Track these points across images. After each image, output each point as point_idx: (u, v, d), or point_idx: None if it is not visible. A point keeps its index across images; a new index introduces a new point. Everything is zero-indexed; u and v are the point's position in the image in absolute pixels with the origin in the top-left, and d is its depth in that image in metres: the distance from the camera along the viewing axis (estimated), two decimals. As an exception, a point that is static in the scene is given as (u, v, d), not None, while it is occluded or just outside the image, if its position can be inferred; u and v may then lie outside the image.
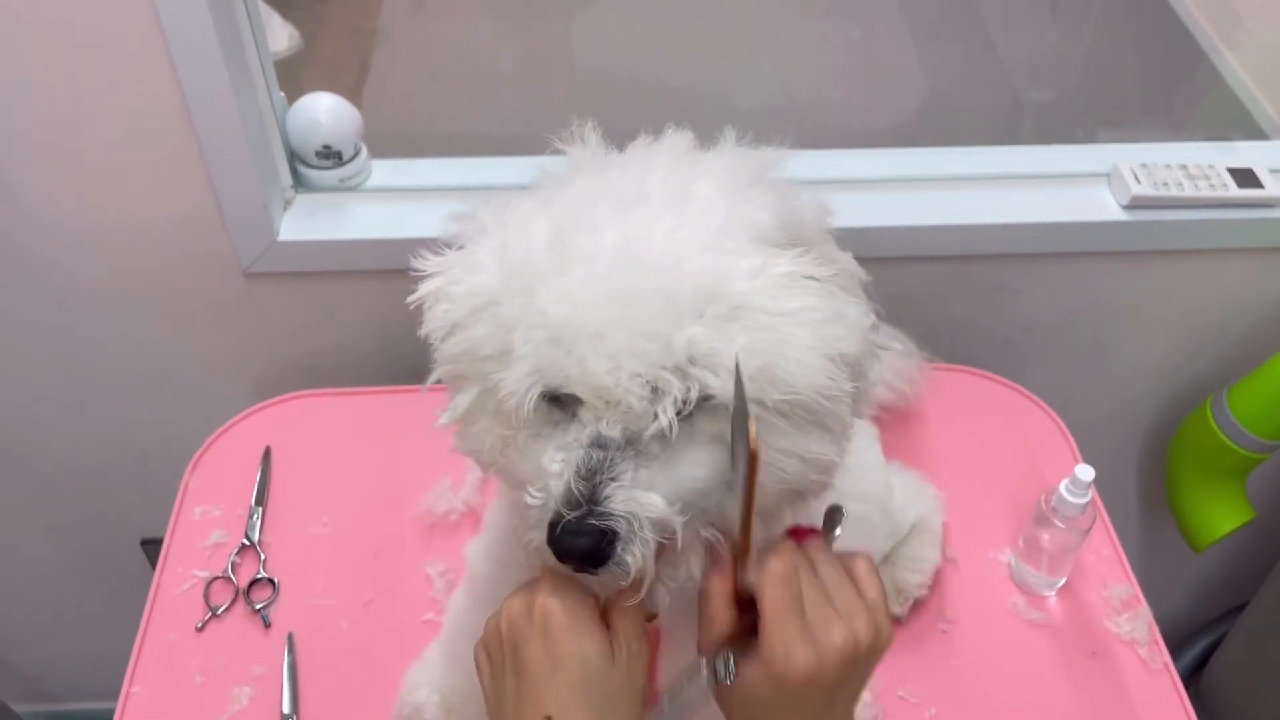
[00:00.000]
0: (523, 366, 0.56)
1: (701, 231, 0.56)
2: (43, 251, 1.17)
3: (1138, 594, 1.05)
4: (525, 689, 0.62)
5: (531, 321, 0.56)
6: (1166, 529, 1.50)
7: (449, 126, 1.61)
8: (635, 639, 0.63)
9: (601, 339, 0.54)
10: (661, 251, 0.56)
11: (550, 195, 0.61)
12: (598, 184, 0.61)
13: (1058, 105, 1.70)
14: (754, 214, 0.58)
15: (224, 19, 1.02)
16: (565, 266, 0.56)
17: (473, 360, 0.60)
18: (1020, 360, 1.38)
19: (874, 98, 1.65)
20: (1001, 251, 1.27)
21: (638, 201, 0.58)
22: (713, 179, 0.60)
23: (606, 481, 0.55)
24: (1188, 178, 1.24)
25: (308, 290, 1.25)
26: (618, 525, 0.55)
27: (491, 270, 0.59)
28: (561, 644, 0.61)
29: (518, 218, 0.60)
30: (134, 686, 0.97)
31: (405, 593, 1.05)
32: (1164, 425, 1.50)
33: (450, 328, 0.60)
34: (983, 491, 1.14)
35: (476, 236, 0.61)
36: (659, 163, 0.62)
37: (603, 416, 0.56)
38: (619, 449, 0.56)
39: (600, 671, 0.61)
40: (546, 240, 0.57)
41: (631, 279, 0.55)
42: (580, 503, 0.55)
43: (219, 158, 1.10)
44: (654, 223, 0.57)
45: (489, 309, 0.58)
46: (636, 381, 0.54)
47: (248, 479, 1.12)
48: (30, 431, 1.37)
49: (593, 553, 0.55)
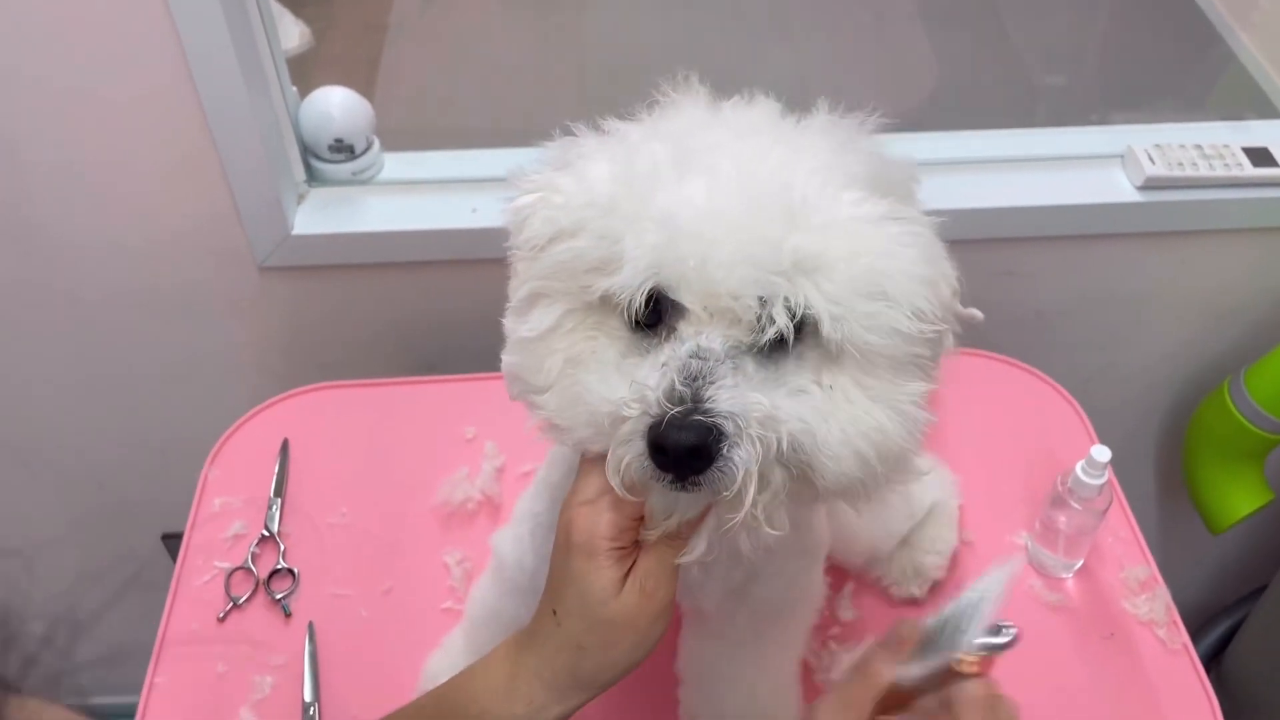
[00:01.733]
0: (638, 264, 0.57)
1: (810, 162, 0.59)
2: (61, 249, 1.18)
3: (1155, 575, 1.04)
4: (551, 576, 0.65)
5: (648, 224, 0.57)
6: (1184, 512, 1.50)
7: (461, 119, 1.62)
8: (652, 579, 0.62)
9: (718, 244, 0.55)
10: (775, 172, 0.58)
11: (656, 126, 0.63)
12: (710, 115, 0.63)
13: (1071, 88, 1.69)
14: (855, 164, 0.60)
15: (236, 17, 1.03)
16: (686, 176, 0.57)
17: (569, 273, 0.60)
18: (1034, 344, 1.37)
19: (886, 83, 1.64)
20: (1015, 235, 1.26)
21: (751, 131, 0.61)
22: (814, 132, 0.63)
23: (708, 385, 0.55)
24: (1202, 158, 1.23)
25: (323, 283, 1.26)
26: (724, 423, 0.54)
27: (603, 182, 0.60)
28: (572, 560, 0.62)
29: (631, 139, 0.62)
30: (158, 676, 0.98)
31: (424, 582, 1.05)
32: (1181, 407, 1.49)
33: (551, 237, 0.61)
34: (998, 475, 1.13)
35: (580, 158, 0.62)
36: (763, 111, 0.64)
37: (704, 329, 0.57)
38: (718, 360, 0.56)
39: (599, 600, 0.61)
40: (668, 154, 0.59)
41: (748, 192, 0.57)
42: (684, 400, 0.54)
43: (233, 154, 1.11)
44: (768, 150, 0.59)
45: (599, 219, 0.59)
46: (748, 286, 0.55)
47: (266, 471, 1.13)
48: (51, 428, 1.39)
49: (698, 449, 0.53)
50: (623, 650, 0.63)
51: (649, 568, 0.62)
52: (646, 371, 0.57)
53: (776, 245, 0.55)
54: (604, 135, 0.64)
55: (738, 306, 0.56)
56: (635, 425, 0.56)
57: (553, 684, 0.64)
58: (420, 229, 1.21)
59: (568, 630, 0.63)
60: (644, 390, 0.56)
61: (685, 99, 0.64)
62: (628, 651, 0.63)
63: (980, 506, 1.10)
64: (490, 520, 1.10)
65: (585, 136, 0.64)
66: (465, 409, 1.18)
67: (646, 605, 0.62)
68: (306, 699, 0.97)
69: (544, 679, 0.64)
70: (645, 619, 0.62)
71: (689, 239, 0.56)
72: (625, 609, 0.61)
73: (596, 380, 0.59)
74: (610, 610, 0.61)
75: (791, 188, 0.57)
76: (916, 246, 0.58)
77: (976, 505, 1.10)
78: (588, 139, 0.64)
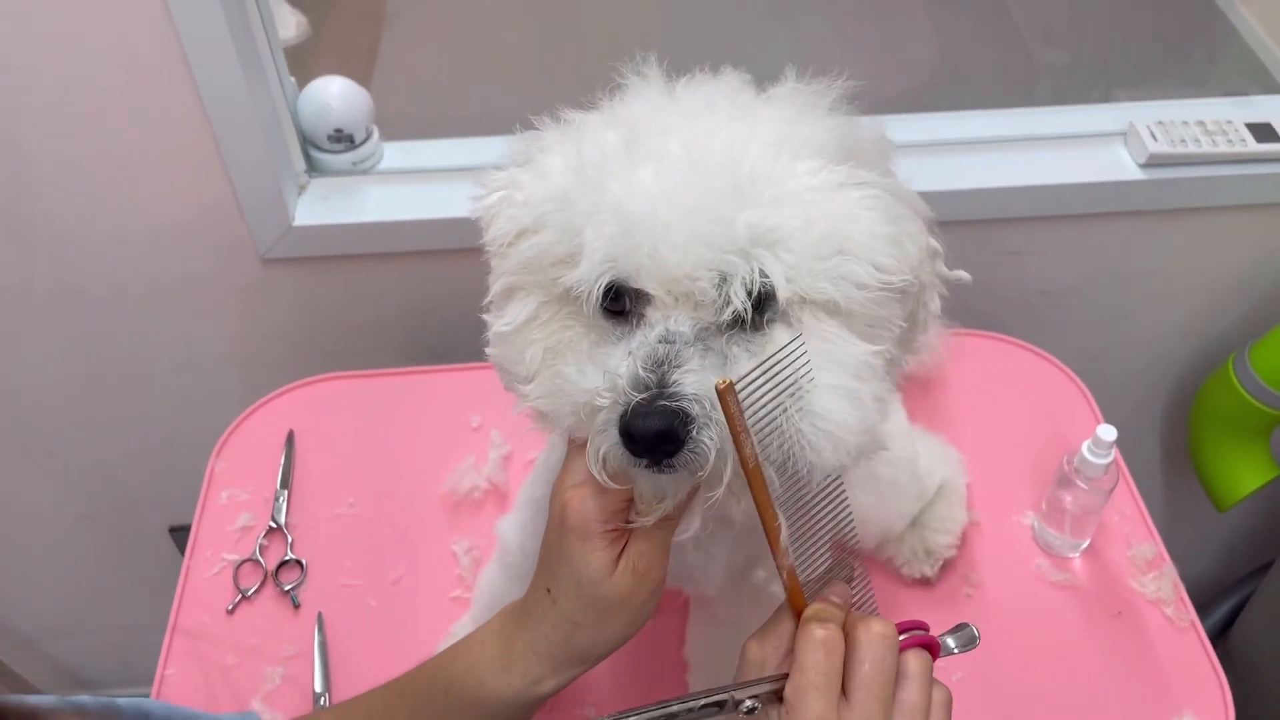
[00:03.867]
0: (594, 256, 0.57)
1: (765, 135, 0.59)
2: (64, 244, 1.18)
3: (1162, 553, 1.04)
4: (545, 555, 0.66)
5: (603, 215, 0.57)
6: (1190, 490, 1.50)
7: (460, 107, 1.61)
8: (645, 559, 0.63)
9: (671, 228, 0.56)
10: (727, 149, 0.58)
11: (614, 113, 0.63)
12: (665, 99, 0.63)
13: (1072, 67, 1.68)
14: (815, 133, 0.60)
15: (233, 6, 1.03)
16: (637, 163, 0.58)
17: (538, 267, 0.61)
18: (1040, 323, 1.37)
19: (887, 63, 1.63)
20: (1018, 215, 1.26)
21: (706, 110, 0.61)
22: (776, 102, 0.63)
23: (673, 369, 0.55)
24: (1205, 134, 1.22)
25: (325, 274, 1.26)
26: (689, 406, 0.54)
27: (561, 176, 0.60)
28: (566, 541, 0.63)
29: (586, 129, 0.62)
30: (168, 669, 0.98)
31: (432, 571, 1.06)
32: (1186, 385, 1.49)
33: (517, 234, 0.61)
34: (1005, 455, 1.13)
35: (541, 152, 0.63)
36: (724, 86, 0.64)
37: (670, 313, 0.57)
38: (686, 343, 0.56)
39: (593, 580, 0.62)
40: (619, 141, 0.59)
41: (699, 172, 0.57)
42: (648, 386, 0.55)
43: (233, 145, 1.11)
44: (720, 127, 0.59)
45: (558, 213, 0.60)
46: (704, 267, 0.56)
47: (272, 462, 1.13)
48: (57, 422, 1.39)
49: (666, 434, 0.54)
50: (617, 627, 0.64)
51: (641, 549, 0.63)
52: (617, 360, 0.58)
53: (729, 223, 0.56)
54: (564, 126, 0.64)
55: (696, 289, 0.56)
56: (608, 414, 0.56)
57: (548, 657, 0.65)
58: (421, 218, 1.20)
59: (563, 608, 0.64)
60: (615, 379, 0.56)
61: (640, 82, 0.64)
62: (622, 628, 0.64)
63: (986, 486, 1.10)
64: (497, 508, 1.10)
65: (546, 129, 0.64)
66: (470, 398, 1.18)
67: (640, 585, 0.63)
68: (317, 689, 0.97)
69: (539, 653, 0.65)
70: (639, 598, 0.63)
71: (642, 226, 0.56)
72: (619, 589, 0.62)
73: (574, 370, 0.60)
74: (604, 590, 0.62)
75: (741, 163, 0.57)
76: (876, 209, 0.58)
77: (982, 485, 1.10)
78: (549, 131, 0.64)
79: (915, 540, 1.01)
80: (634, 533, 0.63)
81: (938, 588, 1.03)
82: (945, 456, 1.06)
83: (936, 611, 1.01)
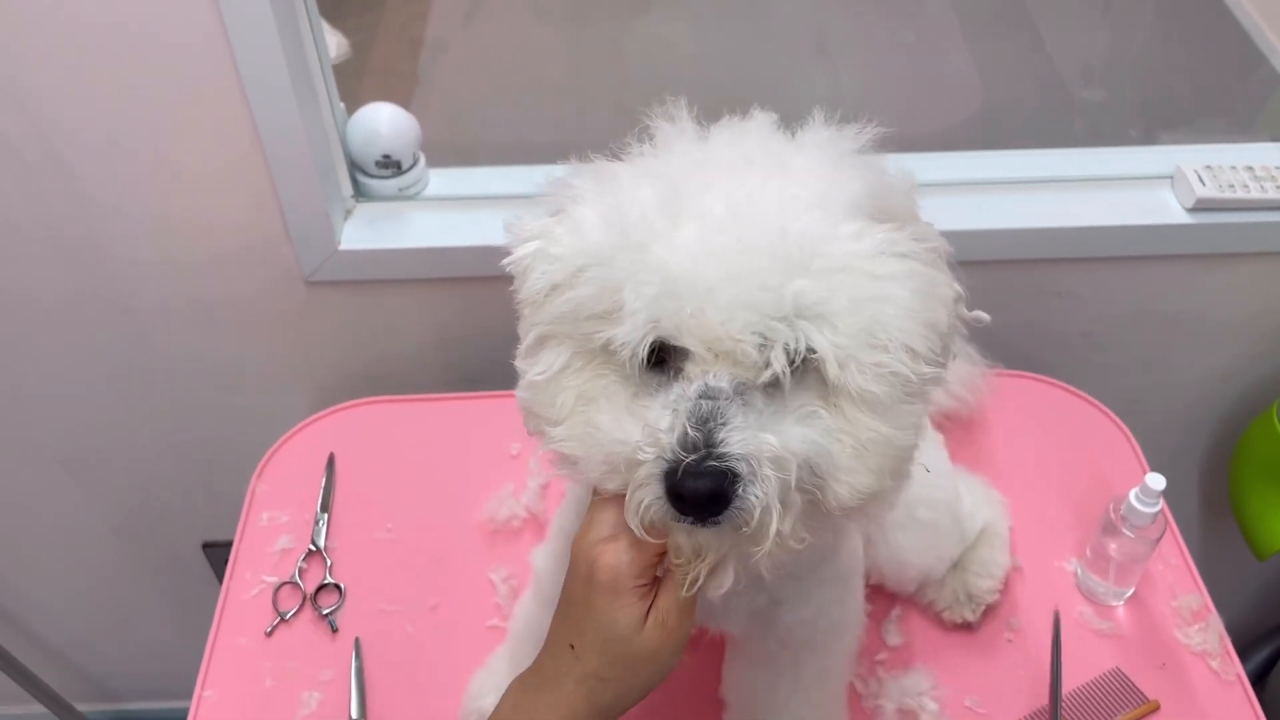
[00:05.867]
0: (637, 318, 0.57)
1: (806, 194, 0.59)
2: (112, 260, 1.19)
3: (1208, 604, 1.03)
4: (567, 610, 0.65)
5: (645, 276, 0.57)
6: (1229, 534, 1.48)
7: (500, 134, 1.62)
8: (673, 614, 0.63)
9: (715, 291, 0.56)
10: (770, 211, 0.58)
11: (646, 165, 0.63)
12: (700, 152, 0.63)
13: (1114, 108, 1.68)
14: (848, 184, 0.60)
15: (288, 30, 1.04)
16: (679, 223, 0.58)
17: (573, 320, 0.61)
18: (1080, 365, 1.36)
19: (928, 101, 1.64)
20: (1062, 255, 1.25)
21: (743, 166, 0.61)
22: (807, 150, 0.62)
23: (719, 426, 0.55)
24: (1254, 179, 1.22)
25: (368, 298, 1.26)
26: (738, 466, 0.55)
27: (597, 231, 0.60)
28: (595, 596, 0.62)
29: (621, 182, 0.62)
30: (206, 690, 0.99)
31: (469, 598, 1.05)
32: (1228, 430, 1.47)
33: (551, 288, 0.61)
34: (1047, 499, 1.12)
35: (574, 201, 0.63)
36: (755, 135, 0.63)
37: (710, 369, 0.57)
38: (727, 399, 0.56)
39: (622, 636, 0.62)
40: (659, 200, 0.59)
41: (743, 235, 0.57)
42: (697, 446, 0.55)
43: (283, 168, 1.12)
44: (761, 185, 0.59)
45: (596, 268, 0.59)
46: (748, 331, 0.56)
47: (313, 485, 1.14)
48: (98, 436, 1.40)
49: (715, 495, 0.55)
50: (642, 680, 0.64)
51: (670, 603, 0.63)
52: (658, 413, 0.58)
53: (776, 291, 0.56)
54: (595, 174, 0.64)
55: (738, 350, 0.56)
56: (651, 469, 0.57)
57: (570, 718, 0.65)
58: (465, 245, 1.21)
59: (587, 664, 0.64)
60: (657, 435, 0.57)
61: (673, 131, 0.64)
62: (647, 680, 0.64)
63: (1028, 530, 1.09)
64: (535, 537, 1.10)
65: (576, 176, 0.64)
66: (510, 425, 1.16)
67: (668, 640, 0.63)
68: (354, 715, 0.97)
69: (561, 715, 0.65)
70: (666, 652, 0.63)
71: (686, 288, 0.56)
72: (649, 644, 0.62)
73: (609, 421, 0.60)
74: (634, 646, 0.62)
75: (787, 230, 0.57)
76: (915, 282, 0.59)
77: (1024, 529, 1.09)
78: (579, 179, 0.64)
79: (957, 584, 1.00)
80: (662, 587, 0.63)
81: (978, 633, 1.02)
82: (988, 499, 1.05)
83: (976, 657, 1.00)
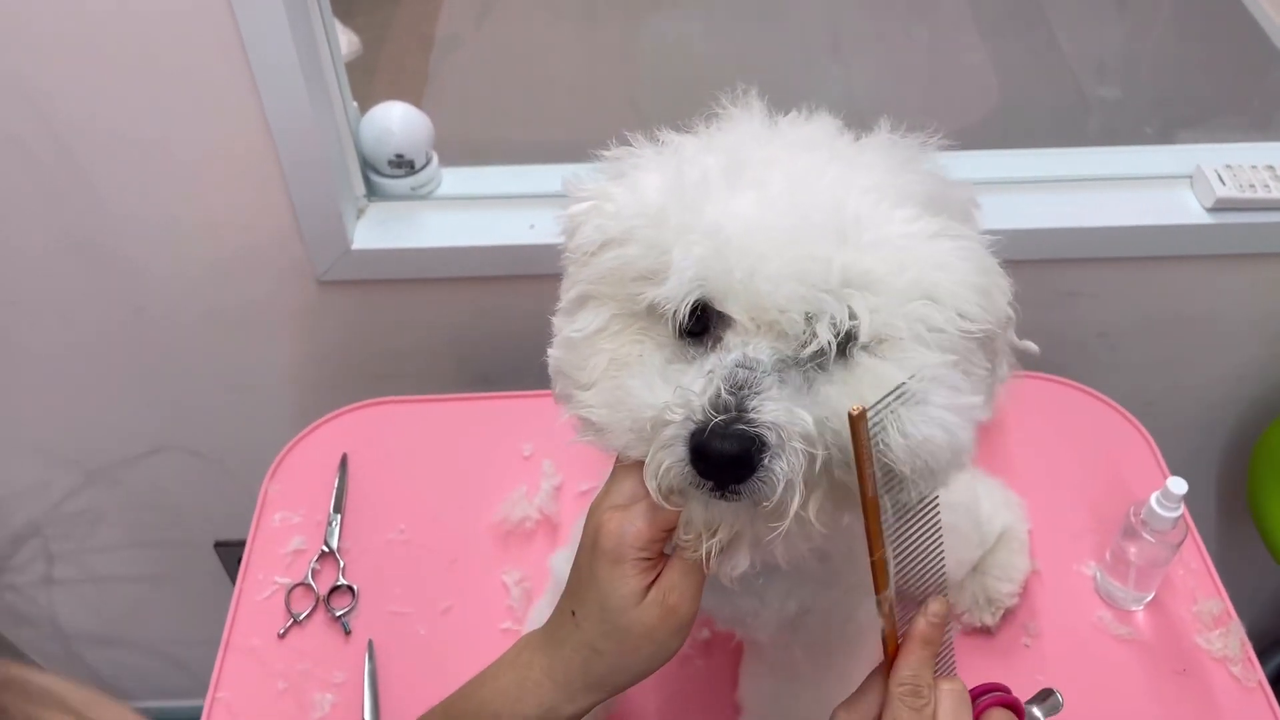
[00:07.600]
0: (684, 275, 0.57)
1: (864, 180, 0.59)
2: (125, 261, 1.19)
3: (1229, 609, 1.02)
4: (575, 576, 0.65)
5: (696, 237, 0.57)
6: (1247, 538, 1.46)
7: (513, 133, 1.62)
8: (675, 593, 0.61)
9: (766, 259, 0.55)
10: (829, 188, 0.58)
11: (712, 139, 0.63)
12: (768, 131, 0.63)
13: (1128, 105, 1.66)
14: (911, 184, 0.60)
15: (301, 28, 1.03)
16: (736, 190, 0.58)
17: (618, 279, 0.61)
18: (1096, 365, 1.35)
19: (943, 99, 1.63)
20: (1080, 255, 1.24)
21: (807, 148, 0.61)
22: (872, 150, 0.63)
23: (753, 395, 0.54)
24: (1274, 179, 1.21)
25: (380, 298, 1.26)
26: (767, 434, 0.53)
27: (656, 193, 0.60)
28: (596, 564, 0.62)
29: (686, 150, 0.62)
30: (219, 692, 0.98)
31: (482, 601, 1.05)
32: (1246, 432, 1.46)
33: (601, 244, 0.61)
34: (1066, 502, 1.11)
35: (635, 167, 0.63)
36: (822, 128, 0.64)
37: (749, 340, 0.57)
38: (765, 372, 0.56)
39: (618, 608, 0.61)
40: (720, 167, 0.59)
41: (800, 208, 0.57)
42: (729, 409, 0.54)
43: (296, 167, 1.11)
44: (823, 166, 0.59)
45: (648, 229, 0.59)
46: (795, 301, 0.55)
47: (326, 486, 1.13)
48: (109, 435, 1.40)
49: (740, 460, 0.53)
50: (638, 659, 0.63)
51: (673, 581, 0.61)
52: (692, 378, 0.57)
53: (826, 262, 0.55)
54: (660, 146, 0.64)
55: (784, 320, 0.56)
56: (678, 430, 0.55)
57: (565, 684, 0.64)
58: (478, 244, 1.20)
59: (584, 632, 0.63)
60: (689, 395, 0.56)
61: (742, 112, 0.64)
62: (643, 660, 0.63)
63: (1047, 534, 1.08)
64: (548, 540, 1.10)
65: (641, 147, 0.65)
66: (523, 426, 1.18)
67: (667, 619, 0.61)
68: (367, 718, 0.96)
69: (555, 678, 0.64)
70: (664, 632, 0.61)
71: (737, 252, 0.56)
72: (645, 620, 0.61)
73: (640, 384, 0.59)
74: (628, 619, 0.61)
75: (844, 205, 0.57)
76: (970, 260, 0.58)
77: (1043, 532, 1.07)
78: (644, 150, 0.64)
79: (976, 588, 1.00)
80: (667, 564, 0.62)
81: (996, 637, 1.01)
82: (1006, 502, 1.04)
83: (993, 662, 0.99)
